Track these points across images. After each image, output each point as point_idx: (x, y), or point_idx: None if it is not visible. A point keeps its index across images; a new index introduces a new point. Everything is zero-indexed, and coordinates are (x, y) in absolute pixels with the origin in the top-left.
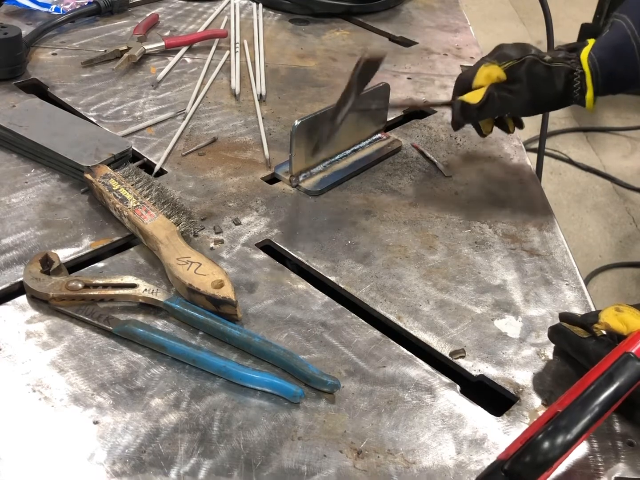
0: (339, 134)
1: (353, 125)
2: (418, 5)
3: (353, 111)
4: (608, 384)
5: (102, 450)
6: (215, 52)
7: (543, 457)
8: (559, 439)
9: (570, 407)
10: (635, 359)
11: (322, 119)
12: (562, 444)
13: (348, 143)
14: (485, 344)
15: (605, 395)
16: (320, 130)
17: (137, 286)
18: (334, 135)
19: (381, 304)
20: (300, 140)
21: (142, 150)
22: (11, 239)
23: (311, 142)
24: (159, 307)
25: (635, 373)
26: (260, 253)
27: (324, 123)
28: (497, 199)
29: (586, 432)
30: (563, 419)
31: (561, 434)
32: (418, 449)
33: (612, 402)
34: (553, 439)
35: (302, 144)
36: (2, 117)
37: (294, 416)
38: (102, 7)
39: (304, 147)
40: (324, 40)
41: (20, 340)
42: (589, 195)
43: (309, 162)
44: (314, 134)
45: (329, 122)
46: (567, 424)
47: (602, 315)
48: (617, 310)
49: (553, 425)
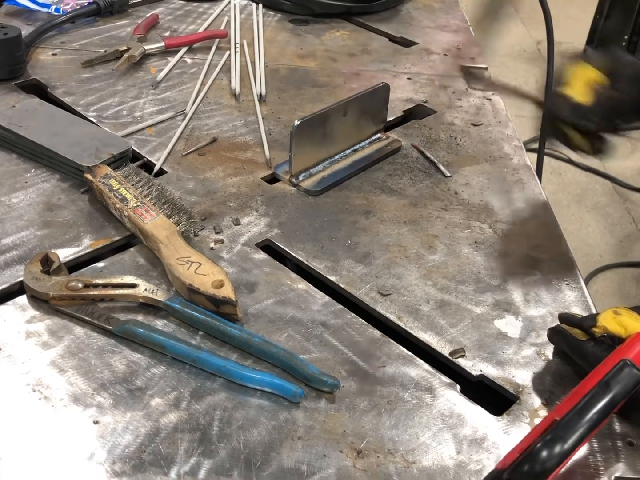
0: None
1: (353, 125)
2: (418, 6)
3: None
4: (605, 392)
5: (102, 450)
6: (215, 53)
7: (541, 466)
8: (556, 448)
9: (568, 416)
10: (632, 366)
11: (322, 118)
12: (560, 454)
13: (348, 143)
14: (485, 343)
15: (602, 404)
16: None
17: (137, 286)
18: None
19: (381, 304)
20: (301, 140)
21: (142, 150)
22: (11, 239)
23: (312, 141)
24: (158, 307)
25: (632, 381)
26: (260, 253)
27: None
28: (497, 199)
29: (583, 440)
30: (561, 428)
31: (559, 443)
32: (418, 449)
33: (609, 410)
34: (551, 448)
35: (302, 144)
36: (2, 117)
37: (294, 416)
38: (102, 7)
39: (304, 147)
40: (324, 41)
41: (20, 340)
42: (589, 195)
43: (309, 162)
44: (316, 133)
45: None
46: (565, 434)
47: (600, 319)
48: (615, 313)
49: (551, 435)
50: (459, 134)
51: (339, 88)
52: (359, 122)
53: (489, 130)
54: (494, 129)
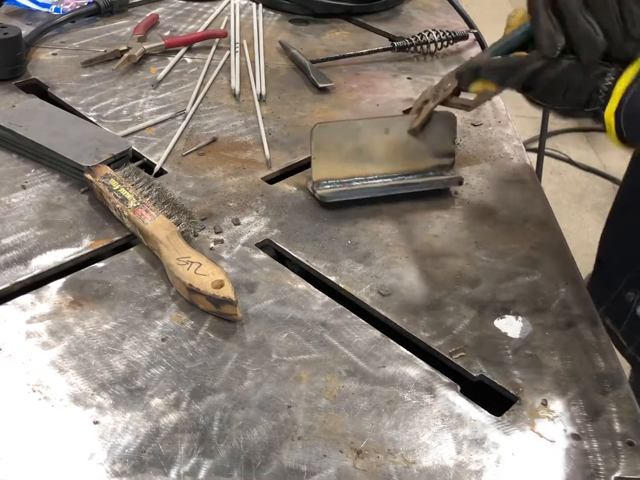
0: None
1: (401, 149)
2: (418, 5)
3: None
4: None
5: (102, 450)
6: (215, 52)
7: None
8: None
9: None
10: None
11: (351, 129)
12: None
13: (393, 167)
14: (485, 343)
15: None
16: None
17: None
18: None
19: (381, 304)
20: (323, 146)
21: (142, 150)
22: (11, 239)
23: (338, 151)
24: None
25: None
26: (260, 253)
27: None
28: (497, 199)
29: None
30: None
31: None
32: (418, 449)
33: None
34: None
35: (326, 151)
36: (2, 117)
37: (294, 416)
38: (102, 7)
39: (330, 155)
40: (324, 41)
41: (20, 340)
42: (589, 195)
43: (336, 173)
44: (345, 144)
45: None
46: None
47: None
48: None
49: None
50: (459, 134)
51: (339, 88)
52: (411, 147)
53: (489, 130)
54: (494, 129)
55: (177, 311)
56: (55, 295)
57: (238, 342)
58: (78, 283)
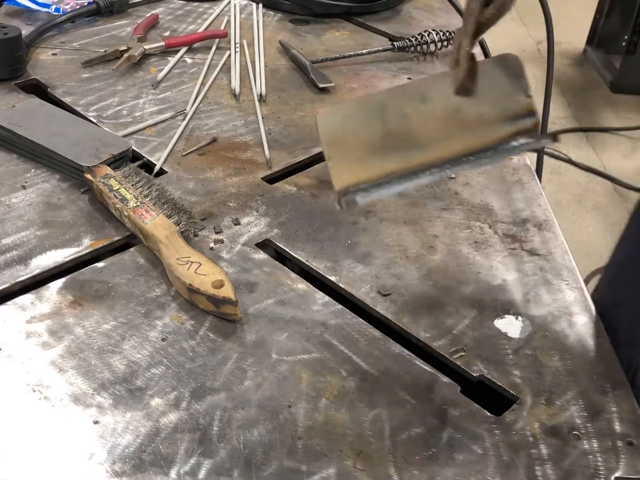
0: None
1: (453, 119)
2: (418, 5)
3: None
4: None
5: (102, 450)
6: (215, 52)
7: None
8: None
9: None
10: None
11: (372, 109)
12: None
13: (447, 148)
14: (486, 343)
15: None
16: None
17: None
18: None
19: (381, 304)
20: (338, 141)
21: (142, 150)
22: (11, 239)
23: (362, 144)
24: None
25: None
26: (260, 253)
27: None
28: (497, 199)
29: None
30: None
31: None
32: (418, 449)
33: None
34: None
35: (339, 142)
36: (2, 117)
37: (294, 416)
38: (102, 7)
39: (352, 152)
40: (324, 41)
41: (20, 340)
42: (589, 195)
43: (362, 172)
44: (368, 131)
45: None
46: None
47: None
48: None
49: None
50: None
51: (339, 88)
52: (466, 114)
53: None
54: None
55: (177, 311)
56: (55, 295)
57: (238, 342)
58: (78, 283)
